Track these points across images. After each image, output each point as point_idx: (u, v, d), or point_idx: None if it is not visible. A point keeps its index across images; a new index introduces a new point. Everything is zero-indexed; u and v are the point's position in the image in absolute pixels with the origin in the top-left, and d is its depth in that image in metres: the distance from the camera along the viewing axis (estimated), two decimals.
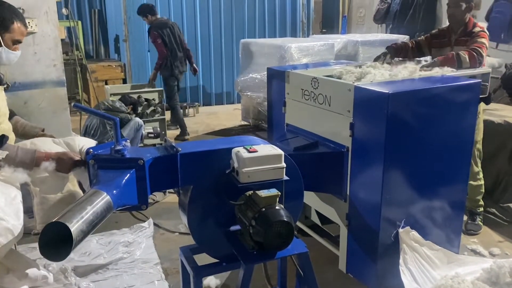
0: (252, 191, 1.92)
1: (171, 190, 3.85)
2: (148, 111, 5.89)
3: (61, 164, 1.96)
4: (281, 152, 1.95)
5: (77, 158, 1.98)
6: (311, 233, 3.12)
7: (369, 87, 2.40)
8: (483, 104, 3.26)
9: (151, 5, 6.61)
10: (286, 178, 1.95)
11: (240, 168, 1.87)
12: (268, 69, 3.35)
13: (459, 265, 2.62)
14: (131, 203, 1.85)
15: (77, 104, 2.11)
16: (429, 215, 2.61)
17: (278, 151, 1.95)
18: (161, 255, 3.27)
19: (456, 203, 2.72)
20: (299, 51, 5.73)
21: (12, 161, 1.90)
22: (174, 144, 1.99)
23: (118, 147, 1.86)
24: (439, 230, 2.68)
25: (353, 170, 2.51)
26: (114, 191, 1.69)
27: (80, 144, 2.18)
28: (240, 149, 1.91)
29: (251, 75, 6.23)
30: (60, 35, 3.86)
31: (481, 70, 3.07)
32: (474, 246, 3.35)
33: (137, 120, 4.84)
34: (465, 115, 2.58)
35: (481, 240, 3.47)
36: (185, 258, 2.20)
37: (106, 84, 7.53)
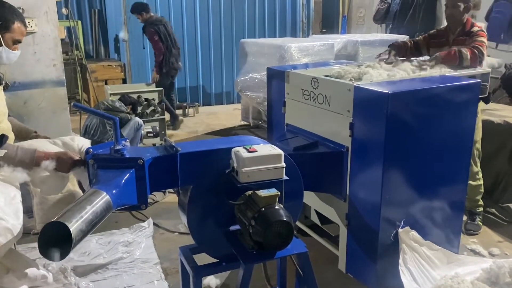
0: (252, 191, 1.92)
1: (171, 190, 3.85)
2: (148, 111, 5.88)
3: (61, 164, 1.96)
4: (281, 152, 1.95)
5: (77, 158, 1.98)
6: (311, 233, 3.12)
7: (369, 87, 2.40)
8: (482, 104, 3.25)
9: (145, 3, 6.61)
10: (286, 178, 1.95)
11: (240, 168, 1.87)
12: (268, 69, 3.35)
13: (459, 265, 2.62)
14: (131, 203, 1.85)
15: (77, 104, 2.11)
16: (429, 215, 2.61)
17: (278, 151, 1.95)
18: (161, 255, 3.26)
19: (456, 203, 2.72)
20: (299, 51, 5.72)
21: (12, 161, 1.90)
22: (174, 144, 1.99)
23: (118, 147, 1.86)
24: (439, 230, 2.68)
25: (353, 170, 2.51)
26: (114, 191, 1.70)
27: (80, 144, 2.18)
28: (240, 149, 1.91)
29: (251, 75, 6.22)
30: (60, 35, 3.87)
31: (481, 70, 3.06)
32: (474, 246, 3.35)
33: (137, 120, 4.84)
34: (465, 115, 2.58)
35: (481, 240, 3.47)
36: (185, 258, 2.20)
37: (106, 84, 7.53)
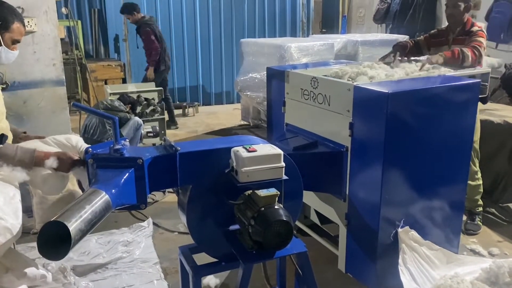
0: (251, 191, 1.92)
1: (170, 190, 3.84)
2: (148, 111, 5.88)
3: (61, 163, 1.96)
4: (280, 152, 1.95)
5: (77, 158, 1.98)
6: (310, 233, 3.12)
7: (369, 87, 2.40)
8: (480, 104, 3.26)
9: (135, 3, 6.63)
10: (285, 178, 1.95)
11: (239, 168, 1.87)
12: (268, 69, 3.35)
13: (458, 265, 2.62)
14: (130, 203, 1.85)
15: (77, 104, 2.11)
16: (429, 215, 2.61)
17: (277, 151, 1.95)
18: (160, 255, 3.26)
19: (456, 203, 2.72)
20: (299, 51, 5.72)
21: (11, 160, 1.90)
22: (173, 144, 1.99)
23: (117, 146, 1.86)
24: (439, 230, 2.68)
25: (353, 170, 2.51)
26: (113, 190, 1.69)
27: (79, 144, 2.18)
28: (240, 149, 1.91)
29: (251, 75, 6.22)
30: (60, 35, 3.86)
31: (481, 70, 3.07)
32: (474, 246, 3.35)
33: (137, 120, 4.84)
34: (465, 115, 2.58)
35: (480, 240, 3.47)
36: (184, 258, 2.20)
37: (106, 84, 7.52)
